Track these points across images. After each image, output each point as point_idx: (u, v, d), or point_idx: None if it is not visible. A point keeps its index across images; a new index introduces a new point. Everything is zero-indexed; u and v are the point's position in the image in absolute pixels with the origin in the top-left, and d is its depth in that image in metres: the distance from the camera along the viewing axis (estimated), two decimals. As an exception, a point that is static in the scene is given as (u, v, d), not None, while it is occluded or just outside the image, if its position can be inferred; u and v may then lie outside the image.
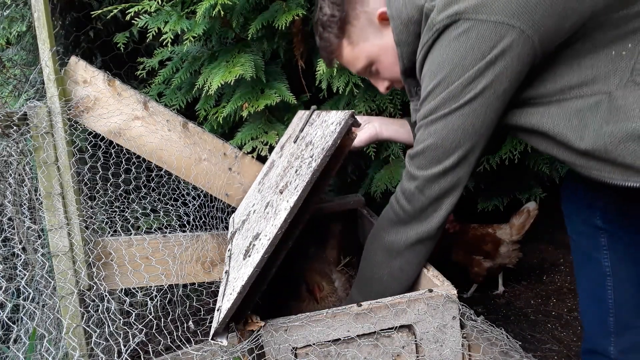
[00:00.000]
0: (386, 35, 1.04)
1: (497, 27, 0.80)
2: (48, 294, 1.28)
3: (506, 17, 0.79)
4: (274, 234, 0.81)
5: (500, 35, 0.80)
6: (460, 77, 0.84)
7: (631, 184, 0.81)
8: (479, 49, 0.82)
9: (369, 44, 1.07)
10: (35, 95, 1.69)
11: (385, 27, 1.03)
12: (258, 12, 1.60)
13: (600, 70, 0.82)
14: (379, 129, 1.32)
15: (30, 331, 1.16)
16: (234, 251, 1.07)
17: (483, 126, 0.87)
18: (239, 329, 0.88)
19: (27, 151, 1.32)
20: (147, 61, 1.81)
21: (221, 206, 1.53)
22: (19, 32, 2.17)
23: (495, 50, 0.81)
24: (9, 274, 1.25)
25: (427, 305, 0.88)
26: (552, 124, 0.86)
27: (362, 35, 1.07)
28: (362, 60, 1.09)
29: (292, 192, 0.86)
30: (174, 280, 1.40)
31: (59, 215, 1.29)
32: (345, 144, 0.88)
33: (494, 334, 0.88)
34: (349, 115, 0.84)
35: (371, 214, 1.38)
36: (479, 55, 0.82)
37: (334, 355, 0.86)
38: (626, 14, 0.81)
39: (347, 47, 1.10)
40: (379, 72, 1.12)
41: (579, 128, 0.83)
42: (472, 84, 0.84)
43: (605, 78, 0.82)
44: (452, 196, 0.93)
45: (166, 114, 1.41)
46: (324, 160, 0.82)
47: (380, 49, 1.06)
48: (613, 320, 1.05)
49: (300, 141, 1.08)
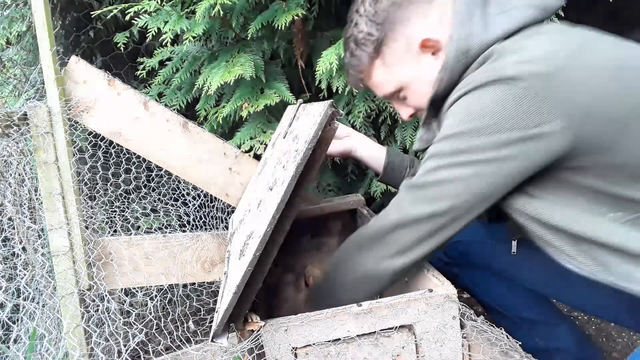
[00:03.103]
0: (423, 63, 0.99)
1: (551, 110, 0.79)
2: (48, 294, 1.28)
3: (563, 108, 0.79)
4: (264, 231, 0.81)
5: (548, 117, 0.79)
6: (492, 135, 0.82)
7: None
8: (524, 119, 0.80)
9: (403, 70, 1.02)
10: (35, 95, 1.69)
11: (424, 55, 0.99)
12: (258, 11, 1.60)
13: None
14: (355, 147, 1.32)
15: (30, 331, 1.16)
16: (232, 252, 1.08)
17: (485, 193, 0.85)
18: (238, 329, 0.88)
19: (27, 151, 1.32)
20: (147, 61, 1.81)
21: (221, 206, 1.53)
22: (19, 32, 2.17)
23: (535, 129, 0.80)
24: (9, 273, 1.25)
25: (427, 305, 0.88)
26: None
27: (398, 59, 1.01)
28: (393, 84, 1.05)
29: (280, 187, 0.86)
30: (174, 280, 1.40)
31: (59, 215, 1.29)
32: (327, 134, 0.87)
33: (494, 334, 0.88)
34: (328, 106, 0.83)
35: (371, 214, 1.38)
36: (520, 125, 0.80)
37: (334, 355, 0.86)
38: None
39: (380, 69, 1.04)
40: (406, 99, 1.07)
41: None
42: (498, 149, 0.82)
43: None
44: (424, 244, 0.91)
45: (166, 114, 1.41)
46: (307, 153, 0.82)
47: (414, 75, 1.01)
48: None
49: (288, 136, 1.07)
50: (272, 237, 0.83)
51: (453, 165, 0.86)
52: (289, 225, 0.89)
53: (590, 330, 1.73)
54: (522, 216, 0.90)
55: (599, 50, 0.83)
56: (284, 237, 0.89)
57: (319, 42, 1.65)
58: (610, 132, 0.79)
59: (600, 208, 0.83)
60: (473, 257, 1.23)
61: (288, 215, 0.87)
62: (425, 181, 0.89)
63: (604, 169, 0.81)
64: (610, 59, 0.82)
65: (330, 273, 1.05)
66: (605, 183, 0.82)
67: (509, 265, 1.14)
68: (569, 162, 0.83)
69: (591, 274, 0.85)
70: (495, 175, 0.84)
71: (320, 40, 1.65)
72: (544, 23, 0.91)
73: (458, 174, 0.85)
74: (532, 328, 1.22)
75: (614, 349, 1.65)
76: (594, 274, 0.84)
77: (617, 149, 0.80)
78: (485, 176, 0.84)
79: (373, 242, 0.95)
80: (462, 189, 0.85)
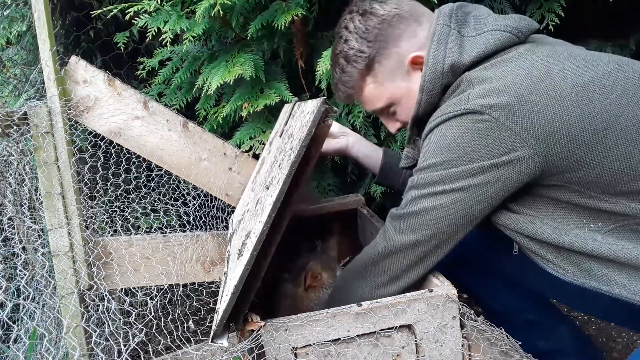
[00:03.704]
0: (413, 79, 1.02)
1: (516, 139, 0.83)
2: (48, 294, 1.28)
3: (528, 136, 0.82)
4: (260, 230, 0.81)
5: (515, 146, 0.83)
6: (463, 165, 0.86)
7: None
8: (492, 149, 0.84)
9: (394, 86, 1.04)
10: (35, 95, 1.69)
11: (415, 71, 1.01)
12: (258, 11, 1.60)
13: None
14: (351, 145, 1.33)
15: (30, 331, 1.16)
16: (231, 252, 1.08)
17: (464, 218, 0.89)
18: (239, 329, 0.88)
19: (27, 151, 1.32)
20: (147, 61, 1.81)
21: (221, 206, 1.53)
22: (19, 32, 2.17)
23: (504, 157, 0.84)
24: (9, 273, 1.25)
25: (427, 305, 0.88)
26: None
27: (389, 76, 1.03)
28: (384, 100, 1.07)
29: (276, 186, 0.86)
30: (174, 280, 1.40)
31: (59, 215, 1.29)
32: (321, 132, 0.88)
33: (494, 334, 0.88)
34: (321, 103, 0.84)
35: (371, 213, 1.38)
36: (489, 155, 0.84)
37: (334, 355, 0.86)
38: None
39: (371, 85, 1.06)
40: (395, 114, 1.10)
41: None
42: (472, 177, 0.86)
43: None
44: (413, 270, 0.94)
45: (166, 114, 1.41)
46: (301, 151, 0.82)
47: (404, 92, 1.04)
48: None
49: (284, 135, 1.07)
50: (270, 235, 0.83)
51: (432, 195, 0.90)
52: (286, 224, 0.89)
53: (590, 331, 1.73)
54: (506, 229, 0.94)
55: (562, 77, 0.85)
56: (281, 235, 0.89)
57: (319, 42, 1.65)
58: (579, 153, 0.82)
59: (580, 220, 0.86)
60: (474, 257, 1.23)
61: (285, 213, 0.88)
62: (407, 212, 0.93)
63: (579, 185, 0.84)
64: (575, 84, 0.84)
65: (331, 302, 1.06)
66: (582, 198, 0.85)
67: (510, 265, 1.14)
68: (544, 181, 0.86)
69: (574, 280, 0.87)
70: (472, 201, 0.88)
71: (320, 40, 1.65)
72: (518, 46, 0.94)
73: (437, 202, 0.89)
74: (533, 330, 1.22)
75: (614, 349, 1.65)
76: (577, 279, 0.87)
77: (589, 167, 0.83)
78: (463, 202, 0.88)
79: (366, 271, 0.99)
80: (443, 216, 0.89)
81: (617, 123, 0.82)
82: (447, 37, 0.95)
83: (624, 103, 0.83)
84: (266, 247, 0.85)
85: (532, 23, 0.97)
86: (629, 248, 0.82)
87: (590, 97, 0.83)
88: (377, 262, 0.97)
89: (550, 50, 0.91)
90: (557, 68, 0.86)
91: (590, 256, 0.84)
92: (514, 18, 0.96)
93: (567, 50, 0.92)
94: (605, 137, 0.82)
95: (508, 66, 0.89)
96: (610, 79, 0.85)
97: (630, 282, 0.82)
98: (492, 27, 0.94)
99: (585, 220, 0.86)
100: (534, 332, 1.22)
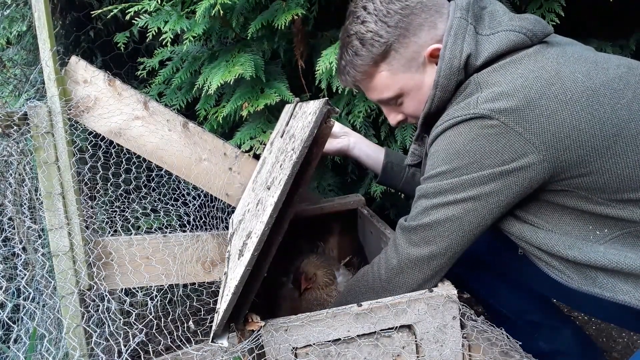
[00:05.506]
0: (427, 72, 0.98)
1: (526, 144, 0.82)
2: (48, 294, 1.28)
3: (537, 141, 0.81)
4: (262, 230, 0.81)
5: (524, 151, 0.82)
6: (474, 172, 0.85)
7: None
8: (501, 155, 0.83)
9: (407, 77, 1.00)
10: (35, 95, 1.69)
11: (430, 64, 0.98)
12: (258, 11, 1.60)
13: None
14: (352, 145, 1.32)
15: (30, 331, 1.16)
16: (231, 252, 1.07)
17: (477, 227, 0.88)
18: (239, 329, 0.88)
19: (27, 151, 1.32)
20: (147, 61, 1.81)
21: (221, 206, 1.53)
22: (19, 32, 2.18)
23: (513, 164, 0.83)
24: (9, 273, 1.25)
25: (427, 305, 0.88)
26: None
27: (404, 66, 0.98)
28: (394, 90, 1.02)
29: (277, 187, 0.85)
30: (174, 280, 1.40)
31: (59, 215, 1.29)
32: (323, 132, 0.87)
33: (494, 334, 0.88)
34: (324, 104, 0.83)
35: (371, 213, 1.38)
36: (499, 161, 0.83)
37: (334, 355, 0.86)
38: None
39: (383, 73, 1.00)
40: (402, 105, 1.06)
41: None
42: (483, 185, 0.85)
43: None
44: (429, 283, 0.93)
45: (166, 114, 1.41)
46: (303, 151, 0.82)
47: (417, 84, 1.00)
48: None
49: (286, 135, 1.07)
50: (271, 236, 0.83)
51: (444, 205, 0.88)
52: (287, 224, 0.89)
53: (591, 331, 1.73)
54: (510, 235, 0.93)
55: (573, 80, 0.83)
56: (282, 236, 0.89)
57: (319, 42, 1.65)
58: (588, 158, 0.81)
59: (586, 226, 0.86)
60: (478, 256, 1.23)
61: (286, 214, 0.87)
62: (420, 223, 0.91)
63: (587, 190, 0.83)
64: (585, 88, 0.83)
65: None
66: (589, 204, 0.84)
67: (514, 265, 1.13)
68: (551, 186, 0.85)
69: (578, 287, 0.87)
70: (484, 210, 0.87)
71: (320, 40, 1.65)
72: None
73: (450, 213, 0.88)
74: (536, 331, 1.22)
75: (614, 349, 1.65)
76: (581, 287, 0.86)
77: (597, 172, 0.82)
78: (476, 212, 0.87)
79: (381, 288, 0.96)
80: (457, 227, 0.88)
81: (627, 128, 0.81)
82: (464, 32, 0.92)
83: (634, 108, 0.82)
84: (267, 247, 0.85)
85: (547, 27, 0.94)
86: (632, 258, 0.81)
87: (601, 102, 0.82)
88: (391, 278, 0.94)
89: (560, 52, 0.89)
90: (567, 70, 0.85)
91: (596, 267, 0.84)
92: (529, 20, 0.93)
93: (577, 52, 0.90)
94: (615, 143, 0.81)
95: (517, 68, 0.87)
96: (622, 82, 0.84)
97: (635, 290, 0.81)
98: (507, 27, 0.92)
99: (591, 226, 0.85)
100: (536, 333, 1.22)
